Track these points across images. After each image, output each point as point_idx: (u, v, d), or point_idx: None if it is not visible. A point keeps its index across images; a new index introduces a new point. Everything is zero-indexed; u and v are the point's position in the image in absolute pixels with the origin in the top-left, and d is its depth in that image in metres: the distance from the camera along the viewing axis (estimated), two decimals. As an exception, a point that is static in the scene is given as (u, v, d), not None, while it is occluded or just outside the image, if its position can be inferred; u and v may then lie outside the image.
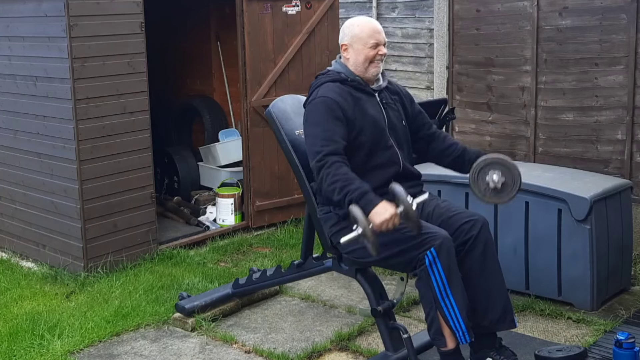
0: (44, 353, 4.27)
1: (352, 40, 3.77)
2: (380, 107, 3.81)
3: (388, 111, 3.83)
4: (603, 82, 5.58)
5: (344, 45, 3.81)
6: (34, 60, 5.44)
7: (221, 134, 7.31)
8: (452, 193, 4.98)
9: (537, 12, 5.83)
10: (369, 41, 3.74)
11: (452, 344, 3.55)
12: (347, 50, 3.80)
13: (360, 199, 3.41)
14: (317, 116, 3.66)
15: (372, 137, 3.71)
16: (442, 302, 3.46)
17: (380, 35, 3.78)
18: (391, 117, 3.82)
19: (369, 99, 3.79)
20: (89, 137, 5.31)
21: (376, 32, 3.77)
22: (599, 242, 4.63)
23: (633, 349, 3.76)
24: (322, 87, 3.75)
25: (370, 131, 3.71)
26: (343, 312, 4.78)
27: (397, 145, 3.79)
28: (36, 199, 5.68)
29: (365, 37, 3.75)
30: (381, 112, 3.80)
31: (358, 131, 3.68)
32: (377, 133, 3.73)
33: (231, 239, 6.26)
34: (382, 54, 3.78)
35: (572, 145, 5.78)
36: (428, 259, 3.43)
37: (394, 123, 3.82)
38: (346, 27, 3.82)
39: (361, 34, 3.76)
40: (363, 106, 3.73)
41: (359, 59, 3.76)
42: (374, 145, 3.72)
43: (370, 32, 3.76)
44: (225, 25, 7.24)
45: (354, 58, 3.77)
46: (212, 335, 4.49)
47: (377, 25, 3.83)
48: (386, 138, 3.76)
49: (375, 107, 3.79)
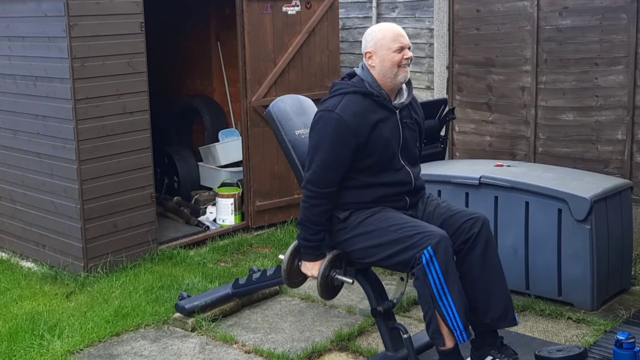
0: (44, 353, 4.27)
1: (376, 46, 3.67)
2: (398, 126, 3.73)
3: (405, 132, 3.75)
4: (603, 82, 5.58)
5: (368, 53, 3.70)
6: (34, 60, 5.44)
7: (221, 134, 7.31)
8: (452, 193, 4.98)
9: (537, 12, 5.82)
10: (393, 45, 3.65)
11: (451, 343, 3.55)
12: (371, 58, 3.70)
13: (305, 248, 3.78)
14: (325, 133, 3.60)
15: (380, 159, 3.66)
16: (439, 301, 3.46)
17: (404, 38, 3.69)
18: (407, 138, 3.76)
19: (389, 116, 3.70)
20: (89, 137, 5.30)
21: (400, 35, 3.69)
22: (599, 242, 4.62)
23: (633, 349, 3.76)
24: (344, 99, 3.64)
25: (380, 154, 3.65)
26: (343, 312, 4.78)
27: (408, 165, 3.76)
28: (36, 199, 5.68)
29: (388, 42, 3.66)
30: (398, 132, 3.72)
31: (369, 153, 3.64)
32: (388, 156, 3.68)
33: (231, 239, 6.26)
34: (407, 57, 3.68)
35: (572, 145, 5.78)
36: (425, 258, 3.43)
37: (407, 143, 3.76)
38: (368, 35, 3.73)
39: (384, 39, 3.66)
40: (379, 128, 3.64)
41: (385, 65, 3.66)
42: (383, 167, 3.69)
43: (393, 37, 3.67)
44: (225, 25, 7.24)
45: (380, 65, 3.67)
46: (212, 335, 4.49)
47: (399, 29, 3.73)
48: (396, 160, 3.71)
49: (392, 126, 3.70)
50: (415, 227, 3.54)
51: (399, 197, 3.73)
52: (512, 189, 4.80)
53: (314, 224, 3.68)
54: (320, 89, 6.45)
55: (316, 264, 3.77)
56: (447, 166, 5.37)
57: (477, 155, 6.29)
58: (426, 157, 5.40)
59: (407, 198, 3.75)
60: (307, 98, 4.36)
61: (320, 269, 3.74)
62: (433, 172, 5.07)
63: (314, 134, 3.66)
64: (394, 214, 3.67)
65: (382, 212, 3.67)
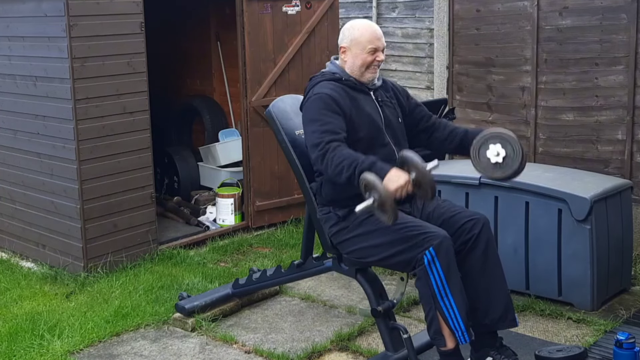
0: (43, 353, 4.27)
1: (351, 43, 3.76)
2: (376, 105, 3.81)
3: (384, 109, 3.82)
4: (603, 82, 5.58)
5: (343, 48, 3.80)
6: (34, 60, 5.44)
7: (221, 134, 7.30)
8: (452, 193, 4.98)
9: (537, 12, 5.83)
10: (367, 46, 3.73)
11: (452, 344, 3.54)
12: (345, 53, 3.79)
13: (371, 168, 3.36)
14: (314, 112, 3.65)
15: (368, 134, 3.71)
16: (441, 301, 3.46)
17: (379, 41, 3.75)
18: (387, 115, 3.82)
19: (365, 97, 3.79)
20: (89, 137, 5.30)
21: (376, 38, 3.74)
22: (599, 242, 4.62)
23: (633, 349, 3.76)
24: (317, 86, 3.76)
25: (366, 128, 3.71)
26: (343, 312, 4.78)
27: (393, 143, 3.79)
28: (36, 199, 5.68)
29: (364, 42, 3.73)
30: (377, 110, 3.79)
31: (354, 128, 3.68)
32: (374, 130, 3.73)
33: (231, 239, 6.26)
34: (379, 60, 3.76)
35: (572, 145, 5.78)
36: (427, 258, 3.43)
37: (390, 120, 3.82)
38: (346, 30, 3.80)
39: (360, 38, 3.73)
40: (359, 103, 3.73)
41: (356, 62, 3.75)
42: (371, 143, 3.71)
43: (370, 38, 3.73)
44: (225, 25, 7.24)
45: (352, 61, 3.77)
46: (212, 335, 4.49)
47: (377, 30, 3.79)
48: (382, 135, 3.76)
49: (371, 105, 3.79)
50: (416, 227, 3.54)
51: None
52: (512, 189, 4.79)
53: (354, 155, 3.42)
54: (320, 89, 6.43)
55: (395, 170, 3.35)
56: (447, 166, 5.37)
57: (477, 155, 6.28)
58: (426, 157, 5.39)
59: None
60: (307, 98, 4.36)
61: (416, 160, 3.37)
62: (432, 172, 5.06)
63: (305, 119, 3.71)
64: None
65: (383, 211, 3.66)
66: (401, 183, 3.30)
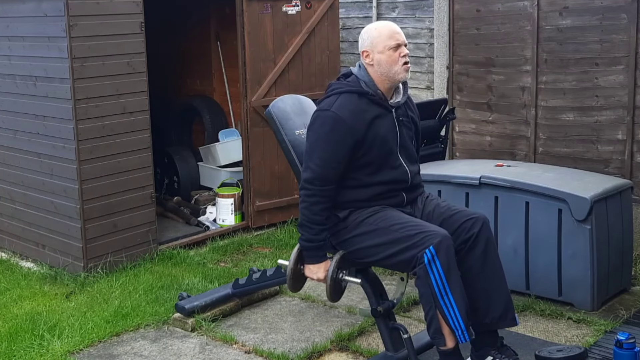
0: (43, 353, 4.27)
1: (372, 44, 3.66)
2: (395, 124, 3.73)
3: (402, 129, 3.76)
4: (603, 82, 5.58)
5: (365, 52, 3.69)
6: (34, 60, 5.43)
7: (221, 134, 7.30)
8: (452, 193, 4.98)
9: (538, 12, 5.82)
10: (389, 43, 3.64)
11: (452, 343, 3.54)
12: (368, 57, 3.68)
13: (307, 250, 3.71)
14: (322, 131, 3.61)
15: (379, 156, 3.66)
16: (441, 301, 3.46)
17: (400, 35, 3.67)
18: (404, 136, 3.76)
19: (385, 115, 3.70)
20: (89, 137, 5.30)
21: (395, 32, 3.67)
22: (599, 242, 4.62)
23: (633, 349, 3.75)
24: (340, 98, 3.64)
25: (377, 151, 3.65)
26: (343, 312, 4.78)
27: (407, 163, 3.76)
28: (36, 199, 5.68)
29: (385, 40, 3.64)
30: (395, 130, 3.72)
31: (366, 150, 3.63)
32: (386, 153, 3.68)
33: (231, 239, 6.26)
34: (404, 54, 3.66)
35: (572, 145, 5.78)
36: (427, 257, 3.43)
37: (405, 140, 3.77)
38: (364, 33, 3.72)
39: (380, 37, 3.65)
40: (376, 125, 3.65)
41: (382, 62, 3.65)
42: (381, 165, 3.68)
43: (389, 34, 3.65)
44: (225, 25, 7.24)
45: (377, 63, 3.66)
46: (212, 336, 4.48)
47: (395, 26, 3.72)
48: (395, 157, 3.71)
49: (389, 124, 3.70)
50: (416, 227, 3.53)
51: (395, 194, 3.72)
52: (512, 189, 4.79)
53: (315, 223, 3.65)
54: (320, 89, 6.44)
55: (321, 266, 3.72)
56: (447, 166, 5.37)
57: (477, 155, 6.29)
58: (426, 157, 5.40)
59: (404, 194, 3.75)
60: (307, 98, 4.35)
61: (329, 271, 3.69)
62: (433, 172, 5.07)
63: (311, 133, 3.66)
64: (395, 213, 3.67)
65: (383, 211, 3.67)
66: (313, 277, 3.76)
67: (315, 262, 3.72)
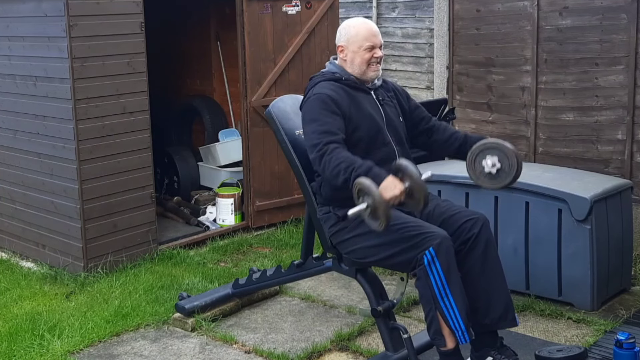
0: (44, 353, 4.27)
1: (348, 42, 3.78)
2: (377, 104, 3.81)
3: (385, 108, 3.83)
4: (603, 82, 5.58)
5: (340, 47, 3.82)
6: (34, 60, 5.44)
7: (221, 134, 7.31)
8: (452, 193, 4.98)
9: (537, 12, 5.83)
10: (364, 44, 3.75)
11: (452, 344, 3.54)
12: (343, 52, 3.81)
13: (367, 173, 3.38)
14: (313, 113, 3.66)
15: (368, 133, 3.71)
16: (441, 301, 3.46)
17: (376, 38, 3.77)
18: (389, 114, 3.82)
19: (365, 96, 3.80)
20: (89, 137, 5.30)
21: (372, 34, 3.77)
22: (599, 242, 4.62)
23: (633, 349, 3.76)
24: (316, 86, 3.77)
25: (366, 127, 3.71)
26: (343, 312, 4.78)
27: (395, 142, 3.79)
28: (36, 199, 5.68)
29: (360, 40, 3.75)
30: (378, 109, 3.80)
31: (354, 127, 3.68)
32: (374, 129, 3.73)
33: (231, 239, 6.26)
34: (377, 56, 3.77)
35: (572, 145, 5.78)
36: (427, 258, 3.43)
37: (391, 119, 3.82)
38: (343, 29, 3.82)
39: (357, 36, 3.76)
40: (359, 103, 3.74)
41: (355, 61, 3.77)
42: (371, 142, 3.71)
43: (366, 35, 3.75)
44: (225, 25, 7.24)
45: (351, 60, 3.79)
46: (212, 335, 4.49)
47: (373, 27, 3.82)
48: (383, 134, 3.76)
49: (372, 104, 3.79)
50: (416, 227, 3.54)
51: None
52: (512, 189, 4.79)
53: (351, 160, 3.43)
54: (320, 89, 6.44)
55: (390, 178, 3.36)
56: (447, 166, 5.37)
57: (477, 155, 6.28)
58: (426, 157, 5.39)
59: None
60: (307, 98, 4.36)
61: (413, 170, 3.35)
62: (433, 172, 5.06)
63: (305, 119, 3.72)
64: (395, 213, 3.66)
65: (383, 211, 3.66)
66: (396, 192, 3.32)
67: (385, 177, 3.37)
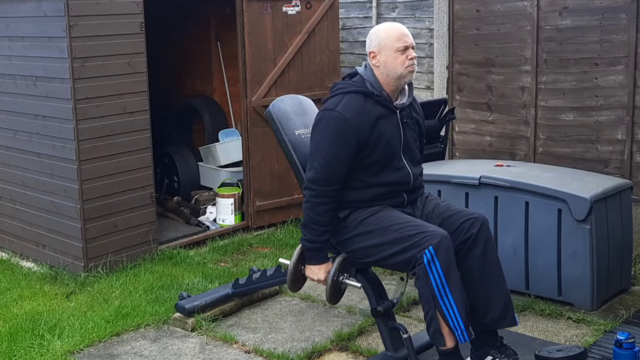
0: (44, 353, 4.27)
1: (380, 46, 3.65)
2: (399, 125, 3.73)
3: (406, 131, 3.76)
4: (603, 82, 5.58)
5: (372, 53, 3.69)
6: (34, 60, 5.44)
7: (221, 134, 7.31)
8: (452, 193, 4.98)
9: (537, 12, 5.83)
10: (397, 45, 3.63)
11: (451, 343, 3.55)
12: (375, 57, 3.68)
13: (309, 250, 3.72)
14: (327, 131, 3.61)
15: (383, 158, 3.67)
16: (440, 301, 3.46)
17: (408, 38, 3.66)
18: (408, 137, 3.76)
19: (390, 116, 3.70)
20: (89, 137, 5.31)
21: (404, 35, 3.66)
22: (599, 242, 4.62)
23: (633, 349, 3.76)
24: (345, 98, 3.64)
25: (382, 152, 3.66)
26: (343, 312, 4.79)
27: (409, 165, 3.76)
28: (36, 199, 5.68)
29: (392, 42, 3.64)
30: (399, 132, 3.72)
31: (370, 150, 3.64)
32: (390, 154, 3.68)
33: (231, 239, 6.26)
34: (412, 57, 3.65)
35: (572, 145, 5.78)
36: (426, 257, 3.43)
37: (409, 143, 3.77)
38: (372, 34, 3.71)
39: (388, 39, 3.64)
40: (381, 126, 3.65)
41: (389, 65, 3.64)
42: (386, 165, 3.68)
43: (397, 36, 3.65)
44: (225, 25, 7.25)
45: (384, 65, 3.66)
46: (212, 335, 4.49)
47: (403, 28, 3.70)
48: (398, 159, 3.71)
49: (393, 126, 3.70)
50: (416, 227, 3.54)
51: (397, 195, 3.73)
52: (512, 189, 4.80)
53: (318, 224, 3.65)
54: (320, 89, 6.45)
55: (322, 267, 3.73)
56: (447, 166, 5.37)
57: (477, 155, 6.30)
58: (426, 157, 5.39)
59: (405, 195, 3.75)
60: (307, 98, 4.36)
61: (330, 273, 3.69)
62: (433, 172, 5.07)
63: (316, 133, 3.66)
64: (395, 213, 3.67)
65: (383, 211, 3.67)
66: (314, 278, 3.77)
67: (317, 263, 3.73)
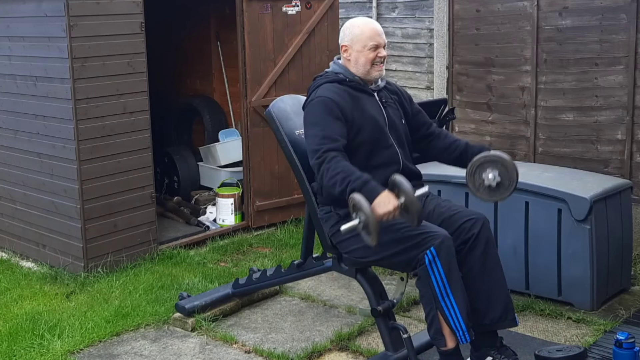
0: (44, 353, 4.27)
1: (352, 41, 3.77)
2: (379, 106, 3.81)
3: (388, 110, 3.83)
4: (603, 82, 5.58)
5: (344, 46, 3.81)
6: (34, 60, 5.44)
7: (221, 134, 7.31)
8: (452, 193, 4.98)
9: (537, 12, 5.83)
10: (368, 43, 3.74)
11: (452, 344, 3.55)
12: (347, 51, 3.80)
13: (362, 188, 3.37)
14: (315, 116, 3.66)
15: (371, 136, 3.71)
16: (442, 301, 3.47)
17: (380, 37, 3.77)
18: (391, 116, 3.82)
19: (368, 98, 3.79)
20: (89, 137, 5.31)
21: (376, 34, 3.76)
22: (599, 242, 4.63)
23: (633, 349, 3.76)
24: (320, 88, 3.76)
25: (369, 130, 3.71)
26: (343, 312, 4.79)
27: (397, 145, 3.79)
28: (36, 199, 5.68)
29: (364, 39, 3.74)
30: (381, 111, 3.80)
31: (357, 130, 3.68)
32: (377, 132, 3.73)
33: (231, 239, 6.26)
34: (381, 56, 3.77)
35: (572, 145, 5.79)
36: (428, 258, 3.43)
37: (394, 122, 3.82)
38: (346, 28, 3.82)
39: (361, 35, 3.75)
40: (362, 105, 3.73)
41: (360, 61, 3.76)
42: (374, 144, 3.72)
43: (370, 34, 3.75)
44: (225, 25, 7.24)
45: (355, 60, 3.78)
46: (212, 335, 4.49)
47: (377, 27, 3.81)
48: (386, 137, 3.76)
49: (374, 106, 3.79)
50: (417, 227, 3.54)
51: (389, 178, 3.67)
52: (512, 189, 4.79)
53: (349, 171, 3.42)
54: (320, 89, 6.44)
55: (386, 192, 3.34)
56: (447, 166, 5.36)
57: (477, 155, 6.29)
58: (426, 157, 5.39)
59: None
60: (307, 98, 4.36)
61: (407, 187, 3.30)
62: (433, 172, 5.07)
63: (307, 122, 3.71)
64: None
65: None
66: (389, 208, 3.31)
67: (380, 192, 3.36)
